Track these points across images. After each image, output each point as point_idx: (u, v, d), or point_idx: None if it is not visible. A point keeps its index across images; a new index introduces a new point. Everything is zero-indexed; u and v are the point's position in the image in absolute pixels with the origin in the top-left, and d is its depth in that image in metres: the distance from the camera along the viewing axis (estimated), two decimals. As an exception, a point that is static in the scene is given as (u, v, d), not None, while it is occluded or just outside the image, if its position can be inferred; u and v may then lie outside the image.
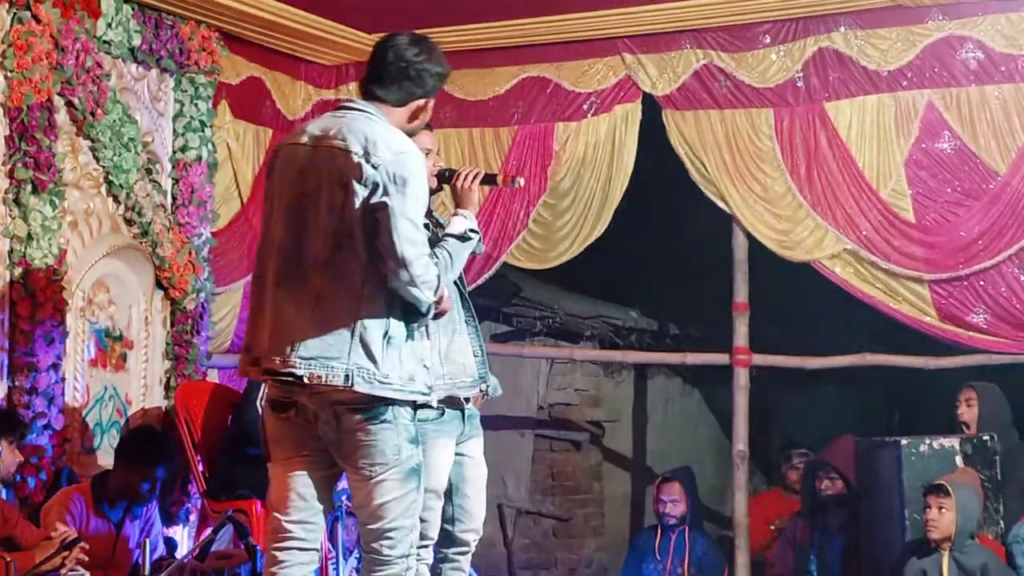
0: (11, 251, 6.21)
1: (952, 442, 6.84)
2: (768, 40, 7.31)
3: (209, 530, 5.92)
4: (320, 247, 4.13)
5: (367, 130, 4.19)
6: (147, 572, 5.71)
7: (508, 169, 7.64)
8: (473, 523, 5.10)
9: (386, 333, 4.12)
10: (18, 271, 6.20)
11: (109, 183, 6.80)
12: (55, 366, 6.32)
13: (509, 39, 7.65)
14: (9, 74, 6.20)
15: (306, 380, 4.07)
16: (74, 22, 6.46)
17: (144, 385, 7.00)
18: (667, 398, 10.48)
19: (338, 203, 4.12)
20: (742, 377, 7.64)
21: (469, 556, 5.19)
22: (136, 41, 6.91)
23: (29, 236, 6.23)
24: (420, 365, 4.26)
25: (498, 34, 7.58)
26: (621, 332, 9.87)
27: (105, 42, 6.73)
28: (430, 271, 4.16)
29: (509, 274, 8.64)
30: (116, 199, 6.86)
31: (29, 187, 6.24)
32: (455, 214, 4.94)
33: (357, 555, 6.85)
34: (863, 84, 7.13)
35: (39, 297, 6.23)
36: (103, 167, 6.75)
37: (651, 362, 9.80)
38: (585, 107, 7.69)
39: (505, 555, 9.31)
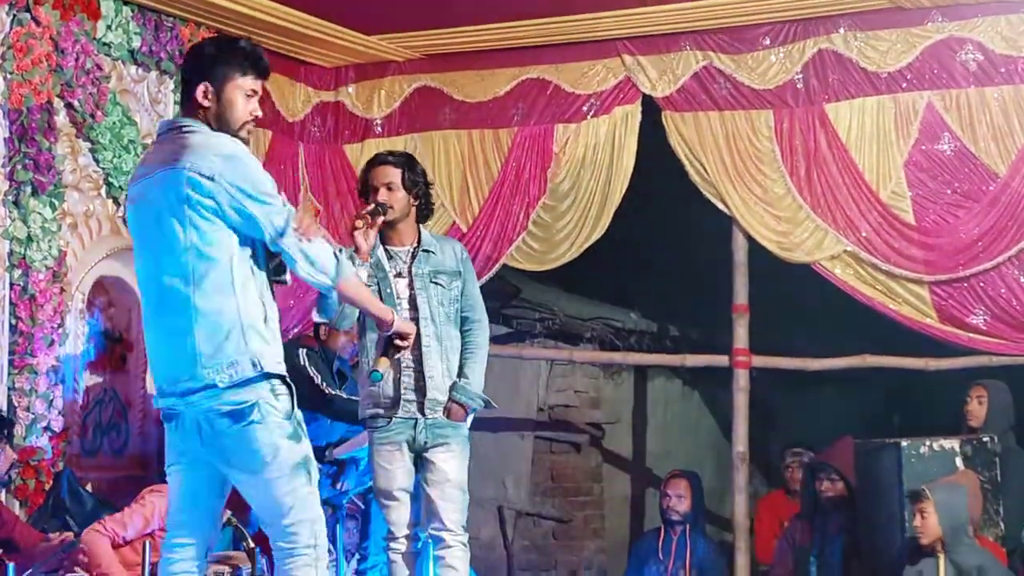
0: (11, 253, 6.21)
1: (952, 444, 6.84)
2: (768, 42, 7.30)
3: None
4: (184, 267, 4.19)
5: (190, 143, 4.25)
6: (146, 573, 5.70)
7: (508, 171, 7.73)
8: (438, 523, 5.47)
9: (266, 317, 4.25)
10: (17, 273, 6.21)
11: (109, 185, 6.80)
12: (54, 368, 6.33)
13: (508, 41, 7.65)
14: (9, 76, 6.20)
15: (220, 384, 4.14)
16: (74, 24, 6.46)
17: (143, 387, 7.00)
18: (667, 400, 10.47)
19: (188, 222, 4.18)
20: (742, 379, 7.63)
21: (455, 552, 5.45)
22: (136, 43, 6.91)
23: (29, 238, 6.24)
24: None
25: (497, 36, 7.58)
26: (621, 334, 9.85)
27: (105, 44, 6.73)
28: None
29: (508, 276, 8.63)
30: (116, 201, 6.86)
31: (29, 189, 6.25)
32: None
33: (358, 556, 6.85)
34: (863, 86, 7.13)
35: (39, 299, 6.24)
36: (103, 169, 6.75)
37: (651, 364, 9.78)
38: (585, 109, 7.68)
39: (505, 557, 9.30)
